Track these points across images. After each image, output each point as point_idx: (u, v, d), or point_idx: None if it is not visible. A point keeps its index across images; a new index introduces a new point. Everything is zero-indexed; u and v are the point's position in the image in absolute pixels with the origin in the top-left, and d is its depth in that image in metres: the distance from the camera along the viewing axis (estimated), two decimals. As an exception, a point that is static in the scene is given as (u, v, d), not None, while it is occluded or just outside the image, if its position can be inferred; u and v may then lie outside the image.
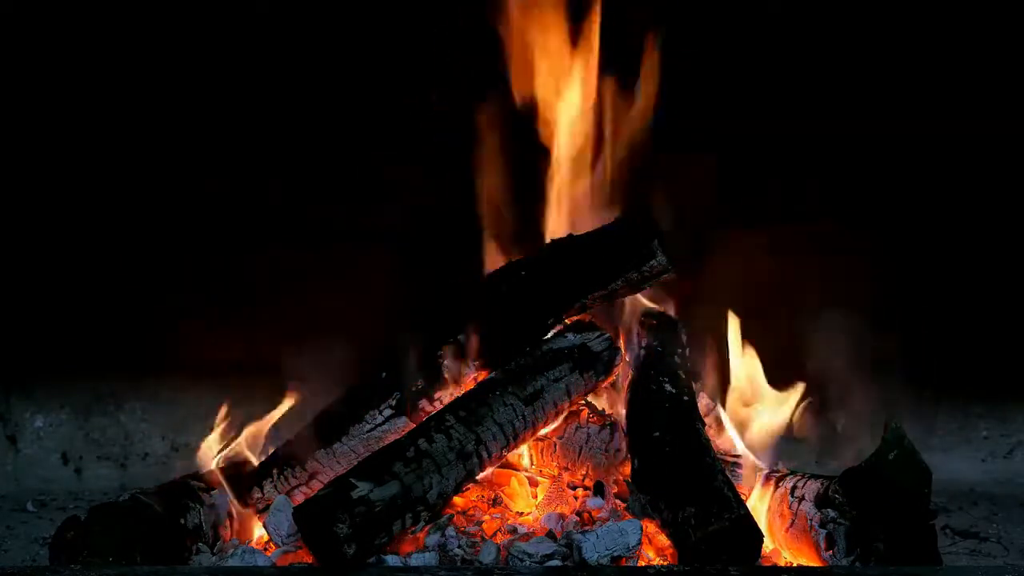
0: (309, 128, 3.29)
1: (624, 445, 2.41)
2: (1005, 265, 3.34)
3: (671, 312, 2.73)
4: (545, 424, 2.40)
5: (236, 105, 3.26)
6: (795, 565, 2.18)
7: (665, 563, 2.15)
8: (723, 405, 2.60)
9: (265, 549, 2.28)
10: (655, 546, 2.19)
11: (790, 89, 3.27)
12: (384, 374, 2.48)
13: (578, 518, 2.30)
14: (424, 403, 2.45)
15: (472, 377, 2.47)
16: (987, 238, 3.34)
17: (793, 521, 2.20)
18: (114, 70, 3.24)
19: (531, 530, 2.25)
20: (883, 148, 3.30)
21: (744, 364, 2.61)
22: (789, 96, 3.27)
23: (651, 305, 2.71)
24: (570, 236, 2.55)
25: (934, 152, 3.29)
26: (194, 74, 3.25)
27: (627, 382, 2.52)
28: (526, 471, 2.50)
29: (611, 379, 2.51)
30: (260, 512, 2.40)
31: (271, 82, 3.26)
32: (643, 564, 2.11)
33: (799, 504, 2.20)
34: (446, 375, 2.47)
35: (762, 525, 2.15)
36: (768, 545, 2.23)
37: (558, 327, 2.50)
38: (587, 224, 2.62)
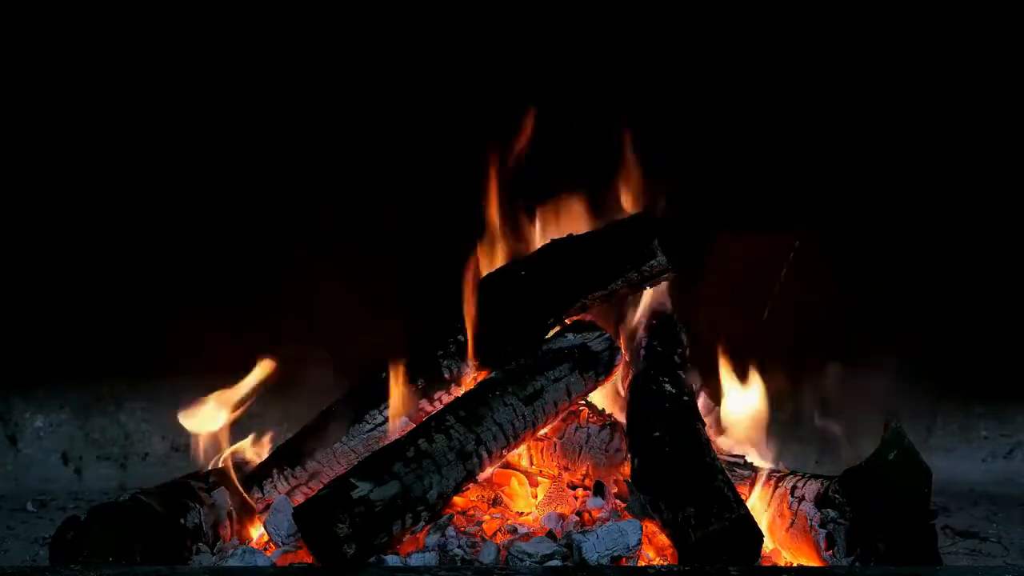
0: (312, 129, 3.29)
1: (624, 445, 2.41)
2: (1005, 265, 3.34)
3: (671, 312, 2.73)
4: (545, 424, 2.39)
5: (234, 107, 3.26)
6: (795, 565, 2.18)
7: (665, 563, 2.14)
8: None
9: (265, 549, 2.28)
10: (655, 546, 2.19)
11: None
12: (384, 374, 2.48)
13: (578, 518, 2.30)
14: (424, 403, 2.45)
15: (472, 377, 2.47)
16: (987, 238, 3.34)
17: (793, 521, 2.20)
18: (117, 71, 3.23)
19: (531, 530, 2.25)
20: (882, 145, 3.30)
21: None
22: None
23: (652, 305, 2.71)
24: (570, 236, 2.55)
25: (933, 151, 3.29)
26: (196, 73, 3.25)
27: (627, 382, 2.52)
28: (526, 471, 2.50)
29: (611, 379, 2.51)
30: (260, 512, 2.40)
31: (272, 85, 3.26)
32: (643, 564, 2.11)
33: (799, 504, 2.20)
34: (446, 375, 2.47)
35: (762, 525, 2.15)
36: (768, 545, 2.23)
37: (558, 327, 2.50)
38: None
